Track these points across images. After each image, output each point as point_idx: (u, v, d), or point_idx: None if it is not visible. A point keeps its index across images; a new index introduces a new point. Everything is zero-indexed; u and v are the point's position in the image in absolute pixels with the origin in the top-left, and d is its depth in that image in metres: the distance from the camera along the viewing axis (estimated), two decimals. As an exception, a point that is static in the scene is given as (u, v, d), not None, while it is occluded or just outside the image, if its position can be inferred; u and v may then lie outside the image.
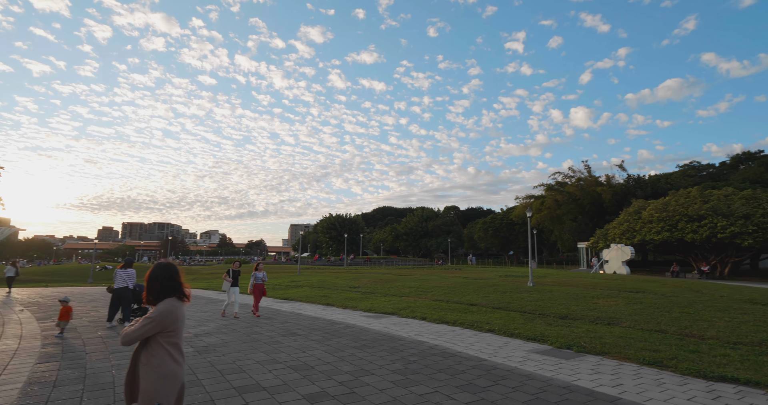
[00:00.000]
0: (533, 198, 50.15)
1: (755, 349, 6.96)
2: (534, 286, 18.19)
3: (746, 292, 14.99)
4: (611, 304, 12.18)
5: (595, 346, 7.20)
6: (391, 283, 20.83)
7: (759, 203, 27.01)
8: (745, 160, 69.24)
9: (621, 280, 21.71)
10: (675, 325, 9.07)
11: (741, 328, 8.52)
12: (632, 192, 43.06)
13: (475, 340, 7.92)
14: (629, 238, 30.90)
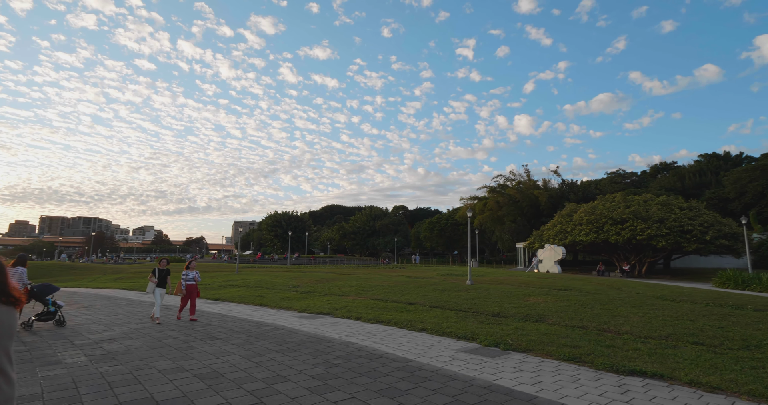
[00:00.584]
0: (477, 199, 51.96)
1: (662, 342, 7.42)
2: (472, 284, 18.61)
3: (658, 290, 16.32)
4: (541, 302, 12.66)
5: (521, 344, 7.32)
6: (332, 282, 20.39)
7: (671, 209, 29.85)
8: (662, 169, 76.76)
9: (552, 278, 22.89)
10: (595, 320, 9.53)
11: (651, 323, 9.11)
12: (566, 196, 45.96)
13: (406, 339, 7.76)
14: (561, 238, 32.86)
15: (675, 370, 5.68)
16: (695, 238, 27.63)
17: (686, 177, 66.07)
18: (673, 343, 7.45)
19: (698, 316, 9.85)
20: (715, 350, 6.82)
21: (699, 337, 7.75)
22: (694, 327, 8.62)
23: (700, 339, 7.59)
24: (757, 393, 4.82)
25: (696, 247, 27.92)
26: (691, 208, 30.34)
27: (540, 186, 47.54)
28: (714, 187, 61.29)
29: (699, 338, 7.64)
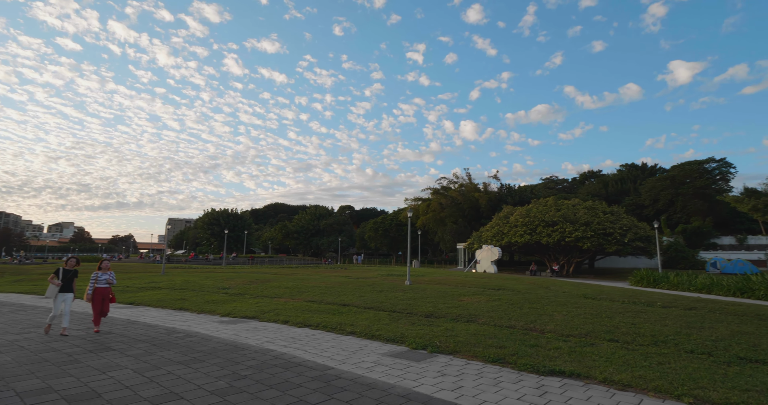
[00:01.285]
0: (420, 200, 52.82)
1: (582, 340, 7.63)
2: (411, 284, 18.57)
3: (582, 288, 17.28)
4: (474, 302, 12.79)
5: (449, 345, 7.16)
6: (267, 283, 19.40)
7: (596, 213, 32.19)
8: (590, 177, 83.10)
9: (488, 278, 23.58)
10: (523, 320, 9.71)
11: (574, 321, 9.43)
12: (504, 199, 48.07)
13: (331, 344, 7.31)
14: (499, 240, 34.19)
15: (591, 369, 5.77)
16: (615, 240, 29.98)
17: (609, 184, 72.04)
18: (592, 340, 7.69)
19: (615, 314, 10.39)
20: (627, 347, 7.09)
21: (614, 334, 8.09)
22: (611, 324, 9.03)
23: (616, 336, 7.91)
24: (662, 389, 4.96)
25: (616, 248, 30.28)
26: (613, 213, 32.91)
27: (480, 189, 49.32)
28: (632, 194, 67.40)
29: (614, 335, 7.96)
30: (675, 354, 6.57)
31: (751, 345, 7.04)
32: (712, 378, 5.32)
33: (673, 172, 60.89)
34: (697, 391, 4.82)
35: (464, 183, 50.59)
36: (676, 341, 7.41)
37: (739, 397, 4.61)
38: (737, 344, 7.09)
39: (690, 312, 10.80)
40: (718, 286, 19.06)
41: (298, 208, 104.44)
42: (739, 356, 6.39)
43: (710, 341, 7.34)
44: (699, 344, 7.15)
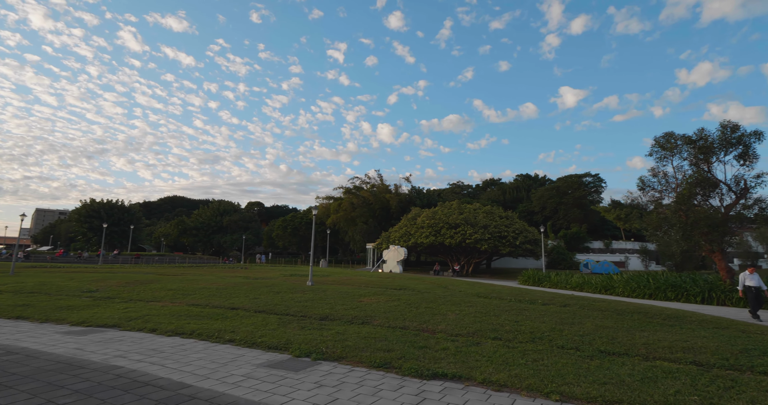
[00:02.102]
0: (332, 199, 52.12)
1: (469, 339, 7.72)
2: (313, 285, 17.85)
3: (477, 288, 18.20)
4: (374, 302, 12.56)
5: (336, 351, 6.69)
6: (147, 285, 17.11)
7: (493, 217, 34.74)
8: (491, 184, 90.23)
9: (392, 278, 23.83)
10: (417, 320, 9.67)
11: (464, 320, 9.64)
12: (413, 201, 49.62)
13: (200, 356, 6.36)
14: (406, 240, 35.04)
15: (473, 370, 5.73)
16: (509, 242, 32.63)
17: (507, 192, 78.98)
18: (478, 339, 7.84)
19: (502, 312, 10.91)
20: (509, 345, 7.32)
21: (499, 331, 8.37)
22: (497, 322, 9.39)
23: (500, 334, 8.18)
24: (534, 387, 5.05)
25: (509, 250, 32.97)
26: (507, 218, 35.83)
27: (392, 190, 50.30)
28: (525, 201, 74.69)
29: (499, 333, 8.23)
30: (548, 350, 6.92)
31: (610, 338, 7.74)
32: (577, 373, 5.59)
33: (558, 184, 68.79)
34: (564, 388, 4.98)
35: (376, 184, 51.17)
36: (551, 337, 7.88)
37: (598, 391, 4.85)
38: (599, 338, 7.75)
39: (564, 309, 11.81)
40: (588, 284, 21.60)
41: (201, 203, 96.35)
42: (600, 350, 6.94)
43: (578, 336, 7.93)
44: (569, 339, 7.66)
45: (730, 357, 6.48)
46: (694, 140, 17.02)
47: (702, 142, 16.93)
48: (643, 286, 18.61)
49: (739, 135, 16.07)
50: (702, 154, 16.79)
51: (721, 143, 16.85)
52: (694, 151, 17.07)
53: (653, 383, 5.21)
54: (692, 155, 17.38)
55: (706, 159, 17.09)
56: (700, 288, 16.78)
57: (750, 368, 5.95)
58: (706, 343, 7.50)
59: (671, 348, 7.06)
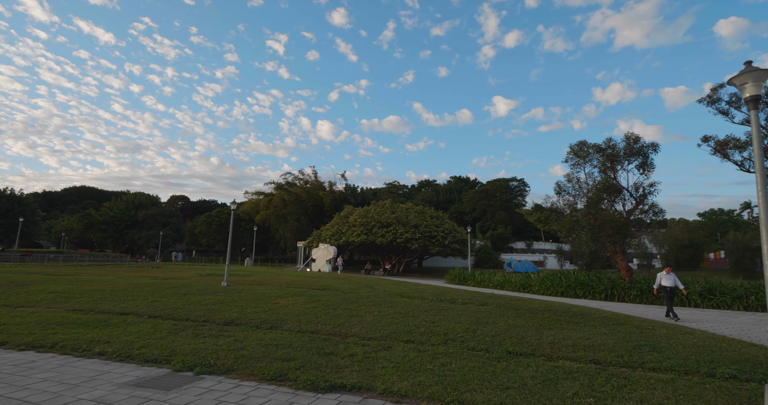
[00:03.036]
0: (263, 195, 49.75)
1: (381, 343, 7.29)
2: (228, 286, 16.52)
3: (402, 287, 18.06)
4: (289, 304, 11.77)
5: (227, 362, 5.88)
6: (24, 287, 14.68)
7: (424, 217, 35.27)
8: (426, 185, 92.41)
9: (319, 277, 23.01)
10: (332, 323, 9.08)
11: (381, 322, 9.23)
12: (348, 199, 48.96)
13: (47, 376, 5.20)
14: (337, 239, 34.32)
15: (376, 378, 5.28)
16: (438, 242, 33.29)
17: (440, 193, 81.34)
18: (390, 343, 7.44)
19: (421, 312, 10.69)
20: (420, 348, 7.00)
21: (413, 334, 8.06)
22: (414, 324, 9.10)
23: (414, 336, 7.86)
24: (437, 396, 4.70)
25: (438, 249, 33.66)
26: (438, 218, 36.59)
27: (326, 188, 49.19)
28: (457, 202, 77.46)
29: (413, 336, 7.91)
30: (459, 353, 6.69)
31: (519, 338, 7.76)
32: (482, 377, 5.36)
33: (488, 187, 72.22)
34: (467, 395, 4.69)
35: (310, 180, 49.74)
36: (464, 338, 7.71)
37: (499, 398, 4.62)
38: (509, 338, 7.73)
39: (482, 308, 11.94)
40: (509, 282, 22.53)
41: (115, 195, 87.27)
42: (508, 351, 6.86)
43: (489, 337, 7.86)
44: (480, 341, 7.55)
45: (624, 354, 6.72)
46: (603, 149, 18.38)
47: (610, 150, 18.33)
48: (557, 285, 19.75)
49: (640, 146, 17.63)
50: (609, 162, 18.17)
51: (625, 153, 18.36)
52: (603, 159, 18.42)
53: (554, 385, 5.11)
54: (601, 163, 18.75)
55: (613, 167, 18.53)
56: (604, 286, 18.14)
57: (641, 364, 6.16)
58: (605, 340, 7.79)
59: (574, 346, 7.19)
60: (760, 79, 4.52)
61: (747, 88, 4.59)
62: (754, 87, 4.55)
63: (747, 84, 4.57)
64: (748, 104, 4.62)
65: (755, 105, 4.57)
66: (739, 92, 18.65)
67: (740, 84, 4.63)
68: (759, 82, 4.53)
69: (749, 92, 4.58)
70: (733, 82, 4.69)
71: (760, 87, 4.55)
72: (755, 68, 4.51)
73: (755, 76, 4.52)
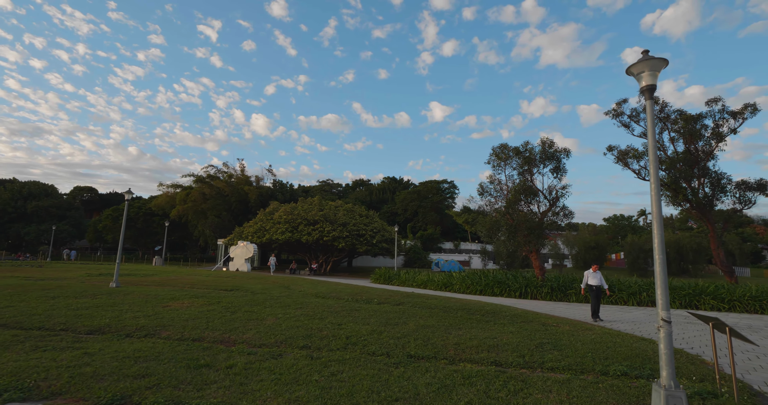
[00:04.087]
0: (180, 188, 45.67)
1: (271, 350, 6.40)
2: (117, 287, 14.44)
3: (321, 287, 17.16)
4: (182, 307, 10.35)
5: (58, 383, 4.66)
6: None
7: (353, 215, 34.62)
8: (360, 185, 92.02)
9: (232, 277, 21.30)
10: (224, 328, 7.98)
11: (281, 326, 8.31)
12: (275, 196, 46.73)
13: None
14: (260, 236, 32.40)
15: (246, 395, 4.42)
16: (366, 241, 32.81)
17: (374, 193, 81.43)
18: (283, 349, 6.58)
19: (330, 313, 9.93)
20: (315, 355, 6.22)
21: (312, 338, 7.26)
22: (318, 327, 8.31)
23: (312, 341, 7.06)
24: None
25: (366, 248, 33.18)
26: (368, 216, 36.14)
27: (253, 183, 46.48)
28: (390, 202, 78.06)
29: (312, 340, 7.11)
30: (356, 359, 6.03)
31: (425, 340, 7.30)
32: (372, 388, 4.73)
33: (420, 188, 73.65)
34: (346, 412, 4.00)
35: (236, 174, 46.67)
36: (367, 342, 7.08)
37: (384, 413, 3.99)
38: (414, 340, 7.24)
39: (397, 307, 11.48)
40: (432, 281, 22.61)
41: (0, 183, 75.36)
42: (410, 354, 6.33)
43: (395, 339, 7.31)
44: (384, 343, 6.96)
45: (526, 353, 6.51)
46: (521, 152, 19.07)
47: (527, 154, 19.06)
48: (476, 283, 20.12)
49: (554, 151, 18.54)
50: (526, 165, 18.87)
51: (541, 157, 19.20)
52: (521, 161, 19.10)
53: (448, 394, 4.62)
54: (519, 166, 19.45)
55: (530, 170, 19.30)
56: (519, 284, 18.79)
57: (541, 364, 5.96)
58: (511, 339, 7.62)
59: (479, 347, 6.88)
60: (656, 69, 4.40)
61: (644, 77, 4.44)
62: (650, 76, 4.41)
63: (644, 73, 4.42)
64: (644, 94, 4.48)
65: (651, 95, 4.44)
66: (640, 100, 20.04)
67: (637, 73, 4.49)
68: (655, 72, 4.41)
69: (646, 81, 4.44)
70: (631, 70, 4.54)
71: (656, 76, 4.43)
72: (652, 57, 4.38)
73: (652, 65, 4.38)
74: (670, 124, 22.90)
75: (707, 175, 22.02)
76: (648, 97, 4.45)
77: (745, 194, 21.73)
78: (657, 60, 4.37)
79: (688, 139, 22.30)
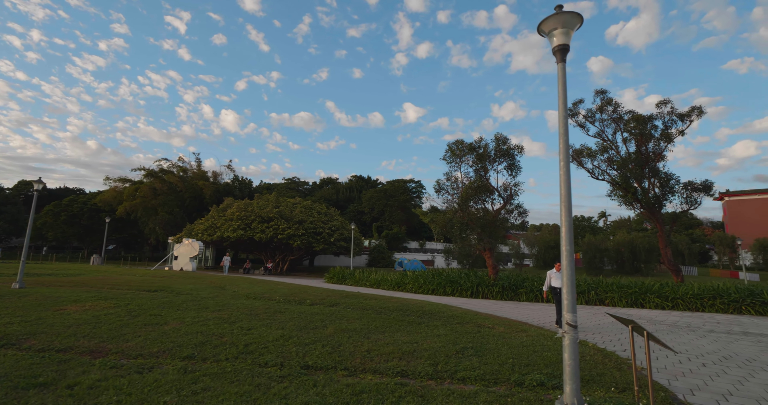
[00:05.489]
0: (129, 182, 42.85)
1: (144, 362, 5.36)
2: (21, 288, 12.82)
3: (258, 287, 15.99)
4: (77, 311, 9.05)
5: None
6: None
7: (311, 212, 33.39)
8: (327, 183, 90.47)
9: (168, 277, 19.75)
10: (107, 335, 6.84)
11: (179, 331, 7.24)
12: (233, 192, 44.71)
13: None
14: (211, 233, 30.65)
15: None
16: (323, 239, 31.67)
17: (341, 191, 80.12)
18: (160, 361, 5.54)
19: (248, 316, 8.90)
20: (192, 367, 5.23)
21: (206, 346, 6.25)
22: (221, 332, 7.29)
23: (202, 349, 6.06)
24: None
25: (323, 247, 32.04)
26: (327, 214, 34.99)
27: (209, 178, 44.24)
28: (357, 201, 76.97)
29: (203, 348, 6.10)
30: (238, 371, 5.08)
31: (334, 346, 6.44)
32: (229, 412, 3.81)
33: (387, 187, 73.02)
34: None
35: (191, 169, 44.25)
36: (267, 350, 6.15)
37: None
38: (323, 347, 6.36)
39: (329, 309, 10.57)
40: (385, 281, 21.83)
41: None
42: (307, 365, 5.45)
43: (300, 346, 6.41)
44: (284, 352, 6.05)
45: (441, 361, 5.77)
46: (475, 148, 18.60)
47: (482, 150, 18.60)
48: (428, 283, 19.50)
49: (507, 147, 18.18)
50: (480, 161, 18.41)
51: (496, 154, 18.79)
52: (475, 158, 18.62)
53: (321, 416, 3.76)
54: (474, 162, 18.97)
55: (484, 167, 18.85)
56: (471, 283, 18.31)
57: (453, 374, 5.22)
58: (433, 343, 6.88)
59: (391, 354, 6.08)
60: (569, 26, 3.71)
61: (556, 35, 3.75)
62: (562, 34, 3.73)
63: (556, 30, 3.74)
64: (556, 55, 3.79)
65: (563, 56, 3.75)
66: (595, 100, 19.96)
67: (549, 31, 3.79)
68: (568, 29, 3.72)
69: (558, 40, 3.75)
70: (542, 28, 3.84)
71: (569, 36, 3.74)
72: (564, 12, 3.68)
73: (564, 22, 3.69)
74: (622, 124, 23.16)
75: (657, 175, 22.38)
76: (560, 59, 3.75)
77: (691, 195, 22.20)
78: (570, 15, 3.68)
79: (640, 139, 22.59)
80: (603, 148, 22.12)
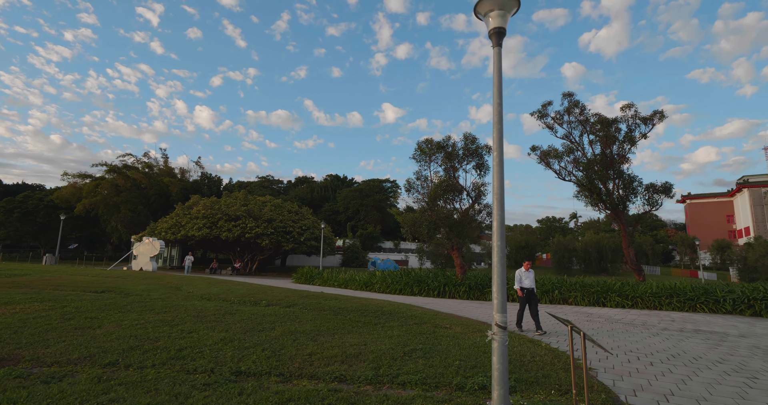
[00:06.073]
0: (90, 178, 40.80)
1: (59, 370, 4.86)
2: (-51, 289, 11.78)
3: (216, 288, 15.35)
4: (6, 314, 8.32)
5: None
6: None
7: (281, 211, 32.66)
8: (302, 182, 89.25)
9: (122, 277, 18.78)
10: (27, 340, 6.26)
11: (111, 336, 6.70)
12: (201, 190, 43.32)
13: None
14: (175, 232, 29.51)
15: None
16: (293, 238, 31.02)
17: (315, 190, 79.17)
18: (76, 368, 5.04)
19: (193, 318, 8.39)
20: (109, 376, 4.76)
21: (133, 351, 5.76)
22: (158, 335, 6.79)
23: (129, 355, 5.57)
24: None
25: (292, 246, 31.39)
26: (298, 213, 34.32)
27: (177, 175, 42.69)
28: (332, 201, 76.23)
29: (130, 354, 5.61)
30: (160, 379, 4.65)
31: (275, 350, 6.07)
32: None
33: (362, 186, 72.59)
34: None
35: (157, 165, 42.60)
36: (201, 354, 5.72)
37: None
38: (262, 351, 5.98)
39: (285, 309, 10.15)
40: (353, 281, 21.48)
41: None
42: (238, 371, 5.06)
43: (239, 350, 6.01)
44: (219, 356, 5.63)
45: (385, 364, 5.49)
46: (444, 147, 18.51)
47: (450, 149, 18.53)
48: (396, 282, 19.28)
49: (476, 146, 18.17)
50: (449, 160, 18.33)
51: (464, 152, 18.75)
52: (443, 157, 18.53)
53: (234, 430, 3.41)
54: (443, 161, 18.87)
55: (453, 166, 18.78)
56: (438, 283, 18.19)
57: (394, 379, 4.95)
58: (382, 345, 6.60)
59: (334, 357, 5.77)
60: (506, 8, 3.50)
61: (492, 17, 3.53)
62: (499, 17, 3.50)
63: (492, 12, 3.51)
64: (492, 38, 3.56)
65: (498, 40, 3.52)
66: (563, 103, 20.22)
67: (485, 12, 3.57)
68: (505, 12, 3.50)
69: (494, 23, 3.53)
70: (478, 10, 3.60)
71: (506, 19, 3.52)
72: (501, -7, 3.43)
73: (501, 4, 3.47)
74: (589, 127, 23.64)
75: (621, 177, 22.95)
76: (495, 43, 3.52)
77: (653, 196, 22.87)
78: (506, -4, 3.44)
79: (605, 142, 23.11)
80: (569, 150, 22.48)
